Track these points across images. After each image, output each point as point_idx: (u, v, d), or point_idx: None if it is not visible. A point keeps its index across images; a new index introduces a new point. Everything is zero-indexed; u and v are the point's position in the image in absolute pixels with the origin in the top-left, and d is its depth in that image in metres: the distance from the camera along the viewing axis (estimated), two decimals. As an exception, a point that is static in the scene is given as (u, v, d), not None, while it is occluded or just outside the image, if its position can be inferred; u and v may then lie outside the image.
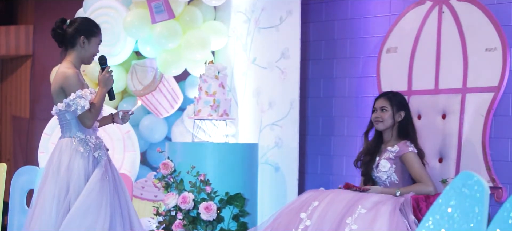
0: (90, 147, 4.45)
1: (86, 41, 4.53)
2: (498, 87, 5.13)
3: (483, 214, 2.03)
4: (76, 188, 4.35)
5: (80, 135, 4.46)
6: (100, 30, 4.64)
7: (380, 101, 5.14)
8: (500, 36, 5.13)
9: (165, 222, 5.58)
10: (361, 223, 4.48)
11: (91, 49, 4.56)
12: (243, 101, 6.29)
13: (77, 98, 4.39)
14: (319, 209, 4.65)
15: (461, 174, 2.11)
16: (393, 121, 5.08)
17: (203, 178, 5.48)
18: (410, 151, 4.97)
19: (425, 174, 4.96)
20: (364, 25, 5.99)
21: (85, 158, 4.42)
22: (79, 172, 4.38)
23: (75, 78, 4.44)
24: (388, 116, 5.07)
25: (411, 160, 4.97)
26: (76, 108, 4.39)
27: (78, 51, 4.54)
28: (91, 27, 4.59)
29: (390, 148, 5.04)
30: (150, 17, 6.10)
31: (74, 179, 4.37)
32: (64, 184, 4.37)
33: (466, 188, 2.07)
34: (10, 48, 9.14)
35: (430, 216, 2.10)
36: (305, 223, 4.63)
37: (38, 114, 8.69)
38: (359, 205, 4.58)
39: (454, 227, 2.06)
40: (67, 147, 4.45)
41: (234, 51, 6.39)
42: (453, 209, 2.07)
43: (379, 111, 5.10)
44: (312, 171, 6.30)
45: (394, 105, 5.09)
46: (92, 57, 4.60)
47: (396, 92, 5.24)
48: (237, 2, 6.36)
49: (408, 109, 5.16)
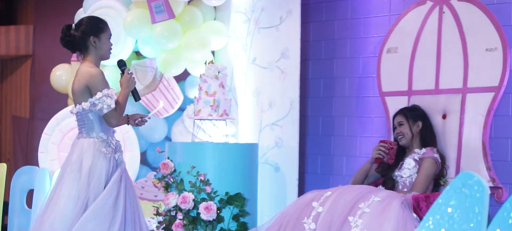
0: (112, 149, 4.43)
1: (96, 40, 4.51)
2: (498, 87, 5.13)
3: (483, 214, 2.03)
4: (95, 189, 4.32)
5: (103, 136, 4.44)
6: (106, 24, 4.61)
7: (397, 118, 5.27)
8: (500, 36, 5.13)
9: (165, 222, 5.58)
10: (374, 208, 4.54)
11: (103, 45, 4.54)
12: (243, 101, 6.29)
13: (104, 97, 4.36)
14: (331, 198, 4.70)
15: (461, 174, 2.11)
16: (411, 133, 5.19)
17: (203, 178, 5.48)
18: (432, 157, 5.06)
19: (423, 184, 5.02)
20: (364, 25, 5.98)
21: (107, 159, 4.39)
22: (101, 173, 4.35)
23: (100, 76, 4.43)
24: (406, 129, 5.19)
25: (425, 164, 5.07)
26: (102, 107, 4.36)
27: (93, 51, 4.52)
28: (96, 24, 4.57)
29: (417, 150, 5.15)
30: (150, 17, 6.10)
31: (94, 180, 4.33)
32: (85, 185, 4.32)
33: (466, 188, 2.07)
34: (10, 48, 9.14)
35: (430, 216, 2.10)
36: (318, 210, 4.67)
37: (38, 115, 8.69)
38: (373, 194, 4.64)
39: (454, 227, 2.06)
40: (90, 147, 4.40)
41: (234, 51, 6.38)
42: (453, 209, 2.07)
43: (398, 128, 5.23)
44: (312, 171, 6.30)
45: (409, 118, 5.21)
46: (108, 52, 4.58)
47: (412, 106, 5.36)
48: (237, 2, 6.36)
49: (426, 118, 5.26)
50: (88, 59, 4.51)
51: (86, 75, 4.43)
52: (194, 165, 5.51)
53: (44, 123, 6.62)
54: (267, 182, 6.00)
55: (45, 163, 6.36)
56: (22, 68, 9.34)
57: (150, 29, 6.24)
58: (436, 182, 5.13)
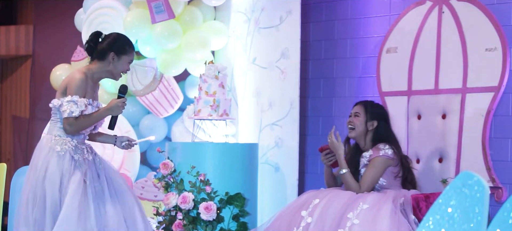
0: (68, 147, 4.42)
1: (115, 58, 4.51)
2: (498, 87, 5.13)
3: (483, 214, 2.04)
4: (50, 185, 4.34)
5: (61, 134, 4.44)
6: (133, 49, 4.62)
7: (356, 107, 5.07)
8: (500, 36, 5.13)
9: (165, 222, 5.59)
10: (363, 218, 4.48)
11: (119, 66, 4.54)
12: (243, 101, 6.29)
13: (72, 102, 4.37)
14: (320, 206, 4.66)
15: (461, 174, 2.11)
16: (365, 128, 4.99)
17: (203, 178, 5.48)
18: (378, 156, 4.88)
19: (368, 181, 4.84)
20: (364, 25, 5.99)
21: (61, 156, 4.39)
22: (53, 171, 4.36)
23: (79, 82, 4.41)
24: (360, 122, 4.99)
25: (372, 163, 4.88)
26: (65, 110, 4.37)
27: (105, 65, 4.53)
28: (123, 45, 4.57)
29: (365, 153, 4.98)
30: (150, 17, 6.10)
31: (47, 177, 4.36)
32: (40, 181, 4.37)
33: (466, 188, 2.07)
34: (10, 48, 9.14)
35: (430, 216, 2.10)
36: (307, 220, 4.64)
37: (38, 115, 8.69)
38: (361, 201, 4.58)
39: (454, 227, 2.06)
40: (46, 144, 4.45)
41: (234, 51, 6.39)
42: (453, 209, 2.07)
43: (353, 117, 5.03)
44: (312, 171, 6.30)
45: (368, 112, 5.00)
46: (120, 73, 4.58)
47: (376, 104, 5.14)
48: (237, 2, 6.36)
49: (385, 120, 5.05)
50: (89, 66, 4.54)
51: (70, 76, 4.49)
52: (194, 165, 5.52)
53: (44, 123, 6.62)
54: (267, 182, 6.00)
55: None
56: (22, 68, 9.34)
57: (150, 29, 6.24)
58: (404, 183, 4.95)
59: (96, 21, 6.42)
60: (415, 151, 5.49)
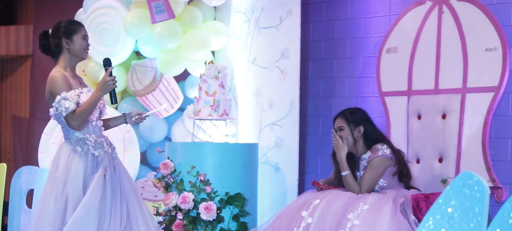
0: (88, 146, 4.45)
1: (68, 41, 4.56)
2: (498, 87, 5.13)
3: (483, 214, 2.04)
4: (72, 187, 4.35)
5: (79, 135, 4.48)
6: (80, 25, 4.64)
7: (337, 121, 5.08)
8: (500, 36, 5.13)
9: (165, 222, 5.59)
10: (363, 218, 4.49)
11: (77, 46, 4.57)
12: (243, 101, 6.29)
13: (62, 100, 4.39)
14: (320, 207, 4.66)
15: (461, 174, 2.11)
16: (353, 138, 5.01)
17: (203, 178, 5.48)
18: (377, 156, 4.90)
19: (368, 182, 4.86)
20: (364, 25, 5.99)
21: (82, 156, 4.42)
22: (76, 172, 4.38)
23: (60, 80, 4.44)
24: (347, 134, 5.01)
25: (371, 163, 4.90)
26: (61, 111, 4.40)
27: (65, 53, 4.57)
28: (68, 26, 4.60)
29: (364, 156, 4.99)
30: (150, 17, 6.10)
31: (70, 179, 4.37)
32: (61, 183, 4.38)
33: (466, 188, 2.07)
34: (10, 48, 9.14)
35: (430, 216, 2.11)
36: (307, 220, 4.64)
37: (38, 115, 8.68)
38: (361, 202, 4.59)
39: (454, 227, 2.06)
40: (66, 148, 4.47)
41: (234, 51, 6.38)
42: (453, 209, 2.07)
43: (339, 132, 5.03)
44: (312, 171, 6.30)
45: (350, 122, 5.02)
46: (83, 51, 4.60)
47: (354, 109, 5.15)
48: (237, 2, 6.36)
49: (369, 122, 5.07)
50: (58, 63, 4.58)
51: (49, 81, 4.50)
52: (194, 165, 5.52)
53: (44, 123, 6.62)
54: (267, 182, 6.00)
55: (45, 163, 6.36)
56: (22, 68, 9.34)
57: (150, 29, 6.24)
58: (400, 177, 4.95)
59: (96, 21, 6.42)
60: (415, 151, 5.49)
